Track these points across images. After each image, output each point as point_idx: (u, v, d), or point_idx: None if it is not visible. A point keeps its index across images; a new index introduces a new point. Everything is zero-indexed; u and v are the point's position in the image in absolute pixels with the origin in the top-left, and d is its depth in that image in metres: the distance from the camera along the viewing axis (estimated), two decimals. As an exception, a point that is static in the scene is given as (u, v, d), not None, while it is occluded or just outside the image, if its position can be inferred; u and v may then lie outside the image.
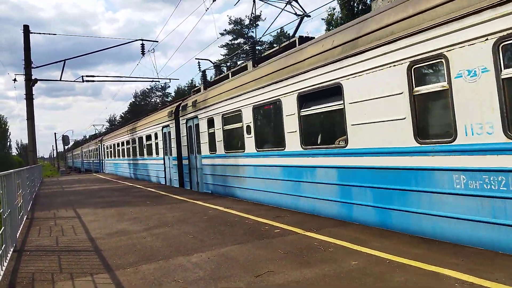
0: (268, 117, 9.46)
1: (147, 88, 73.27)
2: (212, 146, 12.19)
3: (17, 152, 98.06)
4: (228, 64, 56.16)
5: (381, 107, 5.96)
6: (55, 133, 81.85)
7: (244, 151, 10.19)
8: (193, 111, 13.65)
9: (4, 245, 5.18)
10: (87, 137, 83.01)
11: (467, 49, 4.70)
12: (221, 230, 6.71)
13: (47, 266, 5.16)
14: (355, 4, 31.62)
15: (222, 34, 56.98)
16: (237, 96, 10.39)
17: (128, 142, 25.31)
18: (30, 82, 21.58)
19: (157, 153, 18.79)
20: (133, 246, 5.99)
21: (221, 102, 11.43)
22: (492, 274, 3.86)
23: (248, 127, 9.97)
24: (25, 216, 9.31)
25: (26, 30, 22.05)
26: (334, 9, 33.47)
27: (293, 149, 8.11)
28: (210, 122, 12.26)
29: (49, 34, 22.34)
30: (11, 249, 5.90)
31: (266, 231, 6.41)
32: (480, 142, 4.64)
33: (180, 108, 15.29)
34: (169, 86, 69.48)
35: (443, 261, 4.34)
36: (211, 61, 24.71)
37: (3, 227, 5.29)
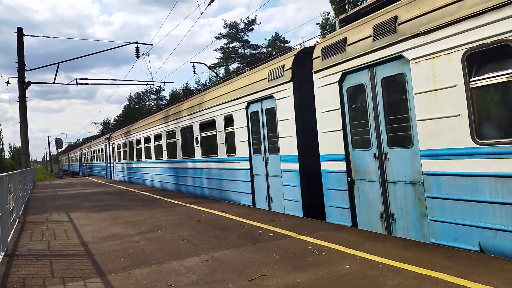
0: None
1: (141, 91, 73.07)
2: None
3: (9, 155, 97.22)
4: (223, 67, 56.24)
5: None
6: (48, 136, 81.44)
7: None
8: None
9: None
10: (81, 140, 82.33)
11: None
12: (215, 234, 6.69)
13: (38, 271, 5.11)
14: (349, 9, 31.81)
15: (217, 38, 57.04)
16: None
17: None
18: (23, 85, 21.43)
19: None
20: (126, 250, 5.95)
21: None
22: (484, 277, 3.87)
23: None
24: (17, 220, 9.21)
25: (20, 32, 21.92)
26: (328, 13, 33.67)
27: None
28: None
29: (43, 36, 22.34)
30: (2, 254, 5.83)
31: (260, 235, 6.39)
32: None
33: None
34: (163, 90, 69.36)
35: (436, 264, 4.35)
36: (206, 65, 24.73)
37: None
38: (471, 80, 4.70)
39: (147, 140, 18.74)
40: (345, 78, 6.67)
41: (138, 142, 20.50)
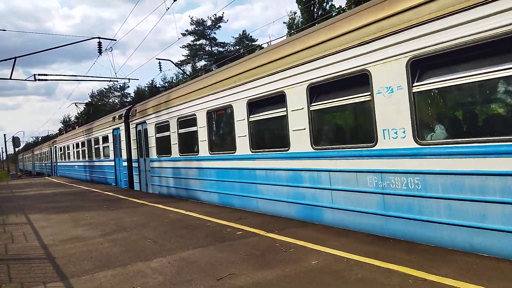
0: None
1: (104, 88, 70.89)
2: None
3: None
4: (190, 64, 55.60)
5: None
6: (4, 135, 76.87)
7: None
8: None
9: None
10: (40, 138, 78.54)
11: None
12: (182, 234, 6.62)
13: (-6, 277, 4.86)
14: (315, 9, 32.38)
15: (183, 35, 56.32)
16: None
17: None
18: (-25, 80, 20.20)
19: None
20: (88, 252, 5.77)
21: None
22: (442, 269, 4.08)
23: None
24: (-30, 224, 8.70)
25: (-28, 24, 20.67)
26: (295, 13, 34.11)
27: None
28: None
29: (-2, 29, 21.05)
30: (-46, 260, 5.49)
31: (228, 234, 6.40)
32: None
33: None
34: (128, 86, 67.59)
35: (396, 258, 4.53)
36: (172, 62, 24.34)
37: None
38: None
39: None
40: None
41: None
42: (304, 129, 6.82)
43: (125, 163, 16.42)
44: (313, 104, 6.62)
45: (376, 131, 5.51)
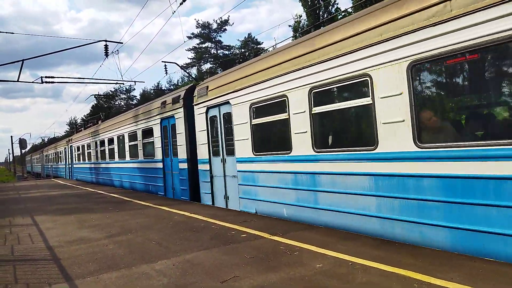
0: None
1: (110, 91, 71.34)
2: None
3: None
4: (195, 67, 55.81)
5: None
6: (11, 136, 77.49)
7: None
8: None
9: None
10: (46, 140, 78.79)
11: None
12: (187, 236, 6.63)
13: (1, 277, 4.89)
14: (321, 12, 32.43)
15: (189, 38, 56.61)
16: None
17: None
18: (-16, 83, 20.44)
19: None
20: (94, 254, 5.80)
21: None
22: (448, 274, 4.05)
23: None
24: (-23, 225, 8.77)
25: (-20, 27, 20.91)
26: (300, 16, 34.15)
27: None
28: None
29: (6, 32, 21.28)
30: (-39, 260, 5.54)
31: (232, 236, 6.39)
32: None
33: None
34: (134, 89, 67.96)
35: (402, 262, 4.50)
36: (178, 65, 24.45)
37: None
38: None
39: None
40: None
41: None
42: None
43: (183, 165, 11.71)
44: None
45: None
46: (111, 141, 19.15)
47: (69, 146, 31.66)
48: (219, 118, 9.84)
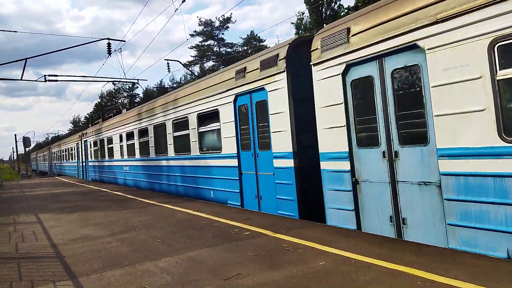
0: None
1: (113, 89, 71.50)
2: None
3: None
4: (198, 65, 55.78)
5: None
6: (15, 135, 77.75)
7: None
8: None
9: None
10: (49, 138, 78.86)
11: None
12: (190, 234, 6.65)
13: (5, 274, 4.92)
14: (323, 10, 32.31)
15: (192, 36, 56.54)
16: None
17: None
18: (-13, 81, 20.52)
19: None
20: (97, 252, 5.82)
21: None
22: (451, 271, 4.03)
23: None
24: (-18, 222, 8.83)
25: (-16, 26, 20.99)
26: (303, 13, 34.05)
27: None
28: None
29: (9, 31, 21.35)
30: (-35, 258, 5.57)
31: (235, 234, 6.40)
32: None
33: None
34: (137, 87, 67.94)
35: (405, 259, 4.49)
36: (180, 62, 24.45)
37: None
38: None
39: None
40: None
41: None
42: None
43: (283, 162, 7.72)
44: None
45: None
46: (143, 133, 15.08)
47: (82, 142, 27.32)
48: (381, 81, 5.72)
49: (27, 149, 67.51)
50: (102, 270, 4.87)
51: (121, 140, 18.19)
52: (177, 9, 15.31)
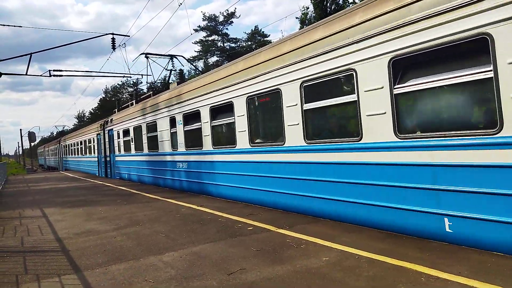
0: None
1: (118, 84, 71.63)
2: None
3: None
4: (202, 60, 55.71)
5: None
6: (20, 130, 78.17)
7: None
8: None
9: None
10: (55, 133, 79.05)
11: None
12: (194, 229, 6.67)
13: (11, 268, 4.98)
14: (328, 4, 32.11)
15: (196, 31, 56.41)
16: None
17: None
18: (-7, 76, 20.62)
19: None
20: (102, 246, 5.86)
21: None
22: (455, 267, 4.03)
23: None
24: (-12, 216, 8.92)
25: (-11, 21, 21.08)
26: (307, 8, 33.85)
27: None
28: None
29: (14, 26, 21.44)
30: (-28, 251, 5.64)
31: (239, 229, 6.42)
32: None
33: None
34: (141, 82, 68.02)
35: (408, 255, 4.49)
36: (184, 58, 24.41)
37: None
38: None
39: None
40: None
41: None
42: None
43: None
44: None
45: None
46: (214, 112, 10.11)
47: (105, 132, 21.73)
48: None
49: (32, 144, 67.82)
50: (107, 264, 4.91)
51: (171, 125, 12.74)
52: (181, 4, 15.25)
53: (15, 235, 7.05)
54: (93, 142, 25.45)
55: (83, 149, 29.26)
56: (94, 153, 25.51)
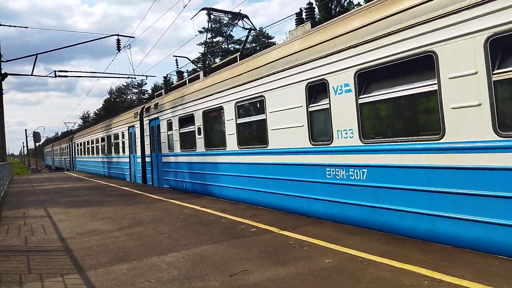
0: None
1: (122, 85, 71.98)
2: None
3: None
4: (206, 62, 55.80)
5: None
6: (25, 130, 78.61)
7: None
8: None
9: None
10: (59, 134, 79.28)
11: None
12: (197, 230, 6.68)
13: (15, 267, 5.00)
14: (333, 6, 32.10)
15: (200, 32, 56.50)
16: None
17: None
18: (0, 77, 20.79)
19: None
20: (105, 246, 5.88)
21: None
22: (459, 270, 4.00)
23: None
24: (-8, 216, 8.97)
25: (-5, 22, 21.22)
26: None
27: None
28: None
29: (20, 27, 21.61)
30: (-23, 250, 5.67)
31: (242, 230, 6.42)
32: None
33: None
34: (145, 83, 68.45)
35: (411, 258, 4.46)
36: (189, 59, 24.45)
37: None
38: None
39: None
40: None
41: None
42: None
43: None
44: None
45: None
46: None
47: (144, 123, 16.28)
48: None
49: (37, 144, 68.12)
50: (110, 264, 4.92)
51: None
52: (186, 5, 15.31)
53: (19, 234, 7.08)
54: (124, 137, 19.32)
55: (106, 147, 23.29)
56: (124, 152, 19.45)
